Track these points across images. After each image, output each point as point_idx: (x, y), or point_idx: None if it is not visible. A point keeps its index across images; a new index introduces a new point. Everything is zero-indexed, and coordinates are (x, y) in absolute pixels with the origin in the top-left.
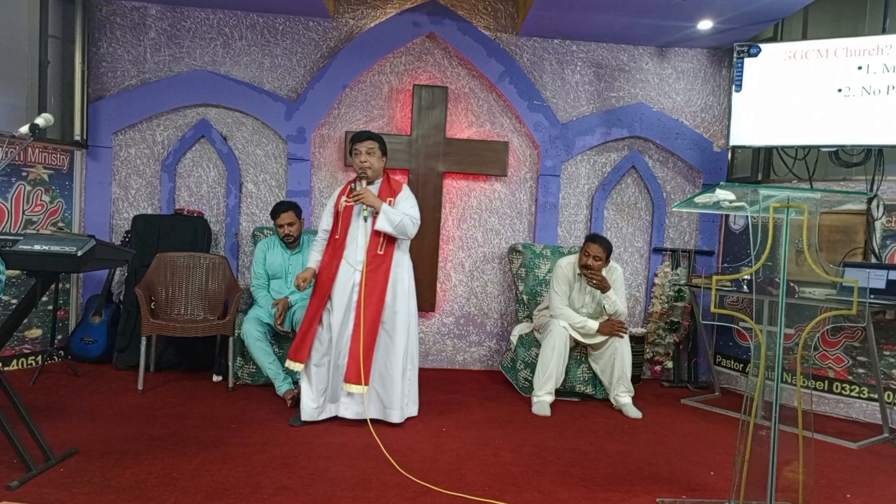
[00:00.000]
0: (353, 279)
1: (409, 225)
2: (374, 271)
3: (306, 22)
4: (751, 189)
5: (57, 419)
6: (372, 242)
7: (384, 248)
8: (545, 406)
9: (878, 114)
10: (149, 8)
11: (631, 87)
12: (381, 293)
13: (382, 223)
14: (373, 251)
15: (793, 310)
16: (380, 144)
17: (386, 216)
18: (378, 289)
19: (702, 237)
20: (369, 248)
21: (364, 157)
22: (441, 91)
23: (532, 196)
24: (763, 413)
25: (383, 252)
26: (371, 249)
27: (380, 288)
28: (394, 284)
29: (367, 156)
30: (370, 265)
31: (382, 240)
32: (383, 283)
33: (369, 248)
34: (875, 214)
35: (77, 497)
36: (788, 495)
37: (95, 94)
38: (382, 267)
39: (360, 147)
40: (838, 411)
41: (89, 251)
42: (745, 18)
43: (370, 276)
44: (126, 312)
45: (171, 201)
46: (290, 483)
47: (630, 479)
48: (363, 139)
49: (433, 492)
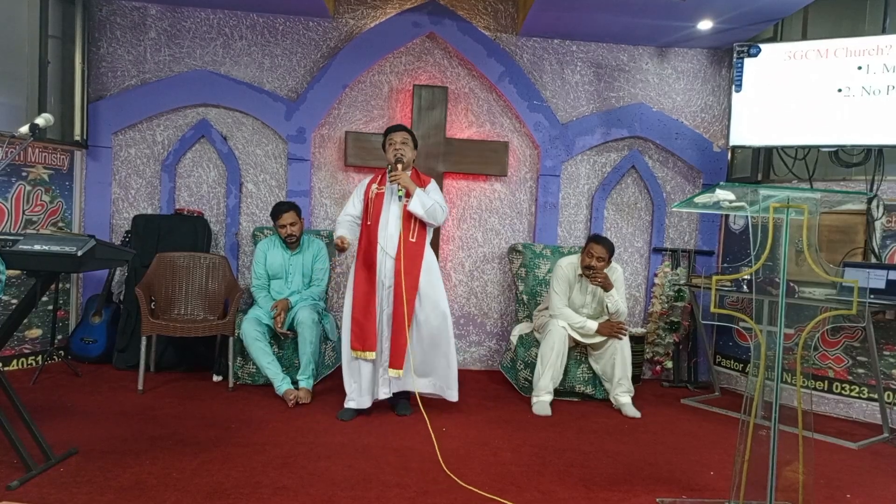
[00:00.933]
0: (387, 266)
1: (439, 211)
2: (409, 259)
3: (306, 22)
4: (751, 189)
5: (57, 419)
6: (405, 229)
7: (416, 236)
8: (545, 406)
9: (877, 114)
10: (149, 8)
11: (631, 87)
12: (415, 281)
13: (416, 205)
14: (406, 238)
15: (793, 310)
16: (412, 138)
17: (419, 198)
18: (412, 277)
19: (702, 237)
20: (403, 234)
21: (399, 145)
22: (441, 91)
23: (532, 196)
24: (763, 413)
25: (416, 240)
26: (404, 236)
27: (414, 276)
28: (428, 272)
29: (402, 145)
30: (406, 252)
31: (414, 227)
32: (416, 269)
33: (403, 235)
34: (875, 214)
35: (77, 497)
36: (788, 495)
37: (95, 94)
38: (416, 253)
39: (395, 137)
40: (838, 411)
41: (89, 251)
42: (745, 18)
43: (407, 263)
44: (126, 312)
45: (171, 201)
46: (290, 483)
47: (630, 479)
48: (398, 130)
49: (432, 491)
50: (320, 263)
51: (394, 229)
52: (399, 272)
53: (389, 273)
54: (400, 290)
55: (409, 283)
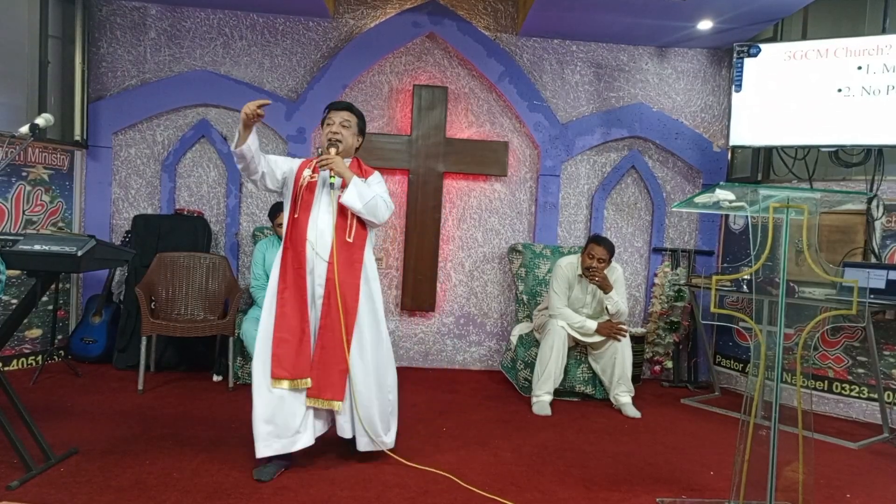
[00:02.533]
0: (317, 270)
1: (381, 207)
2: (344, 263)
3: (306, 22)
4: (751, 189)
5: (57, 419)
6: (339, 227)
7: (353, 236)
8: (545, 406)
9: (877, 114)
10: (149, 8)
11: (631, 87)
12: (354, 290)
13: (351, 197)
14: (341, 237)
15: (793, 310)
16: (358, 121)
17: (357, 189)
18: (350, 285)
19: (702, 237)
20: (336, 233)
21: (337, 127)
22: (441, 91)
23: (532, 196)
24: (763, 413)
25: (353, 241)
26: (339, 235)
27: (351, 284)
28: (367, 281)
29: (341, 127)
30: (340, 255)
31: (352, 224)
32: (355, 278)
33: (337, 234)
34: (875, 214)
35: (77, 497)
36: (788, 495)
37: (95, 94)
38: (354, 258)
39: (334, 116)
40: (838, 411)
41: (89, 251)
42: (745, 18)
43: (342, 268)
44: (126, 312)
45: (171, 201)
46: (290, 483)
47: (630, 479)
48: (340, 108)
49: (433, 491)
50: None
51: (326, 226)
52: (333, 280)
53: (321, 280)
54: (334, 302)
55: (347, 292)
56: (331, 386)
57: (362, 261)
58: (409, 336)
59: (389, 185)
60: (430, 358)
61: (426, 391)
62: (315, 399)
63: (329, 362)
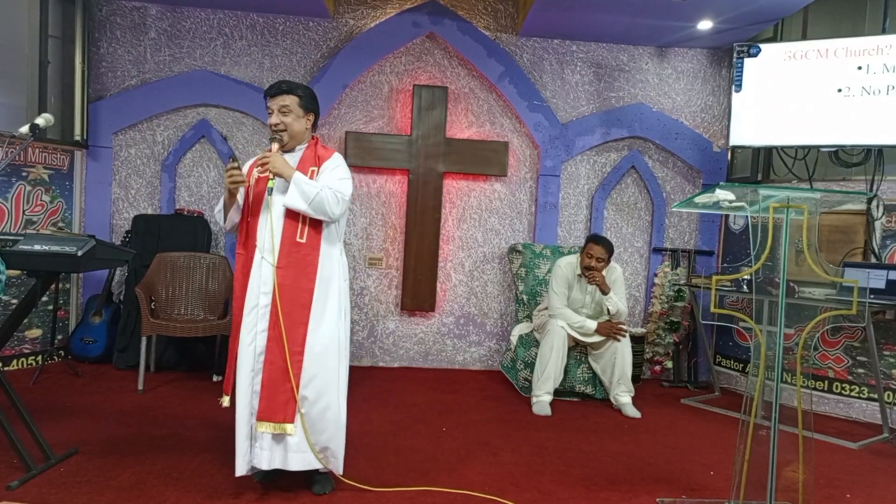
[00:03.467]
0: (263, 275)
1: (328, 200)
2: (294, 266)
3: (306, 22)
4: (751, 189)
5: (57, 419)
6: (288, 226)
7: (306, 236)
8: (545, 406)
9: (877, 114)
10: (149, 8)
11: (631, 87)
12: (306, 296)
13: (293, 197)
14: (289, 238)
15: (793, 310)
16: (301, 100)
17: (298, 187)
18: (301, 290)
19: (702, 237)
20: (284, 233)
21: (276, 117)
22: (441, 91)
23: (532, 196)
24: (763, 413)
25: (305, 241)
26: (287, 236)
27: (303, 289)
28: (324, 285)
29: (281, 115)
30: (286, 258)
31: (303, 223)
32: (307, 282)
33: (284, 235)
34: (875, 214)
35: (77, 497)
36: (788, 495)
37: (95, 94)
38: (306, 261)
39: (271, 105)
40: (838, 411)
41: (89, 251)
42: (745, 18)
43: (286, 272)
44: (126, 312)
45: (171, 201)
46: (290, 483)
47: (630, 479)
48: (275, 94)
49: (433, 491)
50: None
51: (276, 226)
52: (282, 285)
53: (267, 286)
54: (275, 311)
55: (293, 298)
56: (281, 408)
57: (317, 262)
58: (409, 336)
59: (389, 185)
60: (430, 358)
61: (426, 391)
62: (265, 423)
63: (275, 380)
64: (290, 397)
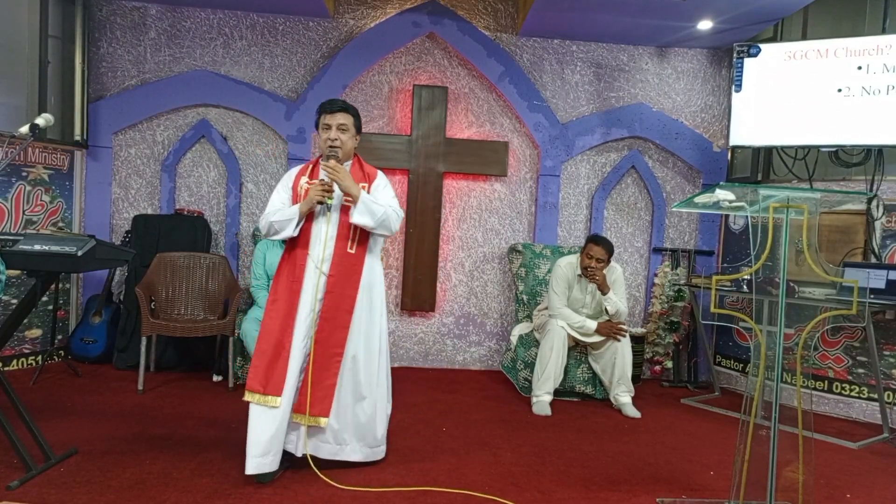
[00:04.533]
0: (318, 284)
1: (392, 219)
2: (342, 275)
3: (306, 22)
4: (750, 189)
5: (57, 419)
6: (340, 238)
7: (356, 247)
8: (545, 406)
9: (877, 114)
10: (149, 8)
11: (631, 87)
12: (350, 302)
13: (362, 215)
14: (341, 249)
15: (793, 310)
16: (355, 120)
17: (366, 206)
18: (346, 297)
19: (702, 237)
20: (336, 245)
21: (335, 133)
22: (441, 91)
23: (532, 196)
24: (763, 413)
25: (355, 251)
26: (339, 247)
27: (347, 295)
28: (367, 291)
29: (339, 132)
30: (336, 267)
31: (355, 234)
32: (352, 289)
33: (336, 246)
34: (875, 214)
35: (77, 497)
36: (788, 495)
37: (95, 94)
38: (353, 269)
39: (330, 121)
40: (838, 411)
41: (89, 251)
42: (745, 18)
43: (335, 280)
44: (126, 312)
45: (171, 201)
46: (290, 483)
47: (630, 479)
48: (335, 110)
49: (433, 491)
50: None
51: (328, 237)
52: (332, 293)
53: (320, 293)
54: (327, 316)
55: (338, 304)
56: (318, 402)
57: (361, 271)
58: (408, 336)
59: None
60: (430, 358)
61: (426, 391)
62: (301, 415)
63: (319, 378)
64: (328, 393)
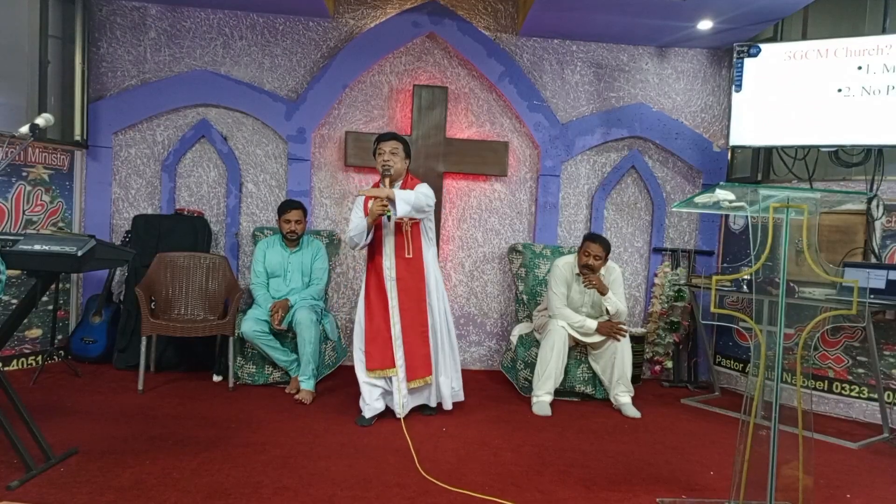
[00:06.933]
0: (393, 286)
1: (422, 199)
2: (409, 273)
3: (306, 22)
4: (751, 189)
5: (57, 419)
6: (399, 246)
7: (412, 251)
8: (545, 406)
9: (877, 114)
10: (149, 8)
11: (631, 87)
12: (421, 294)
13: (401, 207)
14: (402, 256)
15: (793, 310)
16: (404, 146)
17: (401, 198)
18: (417, 290)
19: (702, 237)
20: (397, 253)
21: (388, 156)
22: (441, 91)
23: (532, 196)
24: (763, 413)
25: (412, 255)
26: (400, 254)
27: (418, 289)
28: (431, 281)
29: (391, 155)
30: (406, 271)
31: (408, 243)
32: (420, 283)
33: (397, 253)
34: (875, 214)
35: (77, 497)
36: (788, 495)
37: (95, 94)
38: (415, 268)
39: (384, 147)
40: (838, 411)
41: (89, 251)
42: (745, 18)
43: (405, 280)
44: (126, 312)
45: (171, 201)
46: (290, 483)
47: (630, 479)
48: (388, 139)
49: (433, 491)
50: (319, 263)
51: (390, 248)
52: (404, 290)
53: (394, 291)
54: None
55: (413, 297)
56: (421, 367)
57: (423, 268)
58: None
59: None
60: None
61: None
62: (414, 380)
63: (415, 353)
64: (426, 361)
